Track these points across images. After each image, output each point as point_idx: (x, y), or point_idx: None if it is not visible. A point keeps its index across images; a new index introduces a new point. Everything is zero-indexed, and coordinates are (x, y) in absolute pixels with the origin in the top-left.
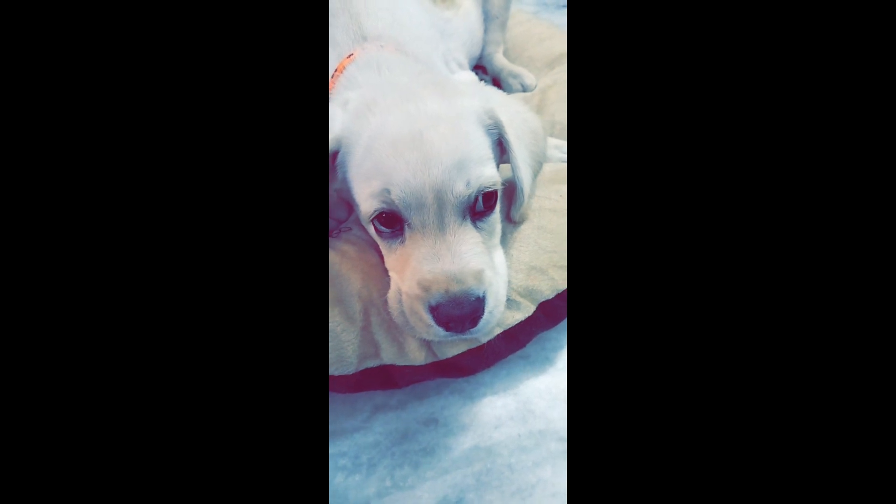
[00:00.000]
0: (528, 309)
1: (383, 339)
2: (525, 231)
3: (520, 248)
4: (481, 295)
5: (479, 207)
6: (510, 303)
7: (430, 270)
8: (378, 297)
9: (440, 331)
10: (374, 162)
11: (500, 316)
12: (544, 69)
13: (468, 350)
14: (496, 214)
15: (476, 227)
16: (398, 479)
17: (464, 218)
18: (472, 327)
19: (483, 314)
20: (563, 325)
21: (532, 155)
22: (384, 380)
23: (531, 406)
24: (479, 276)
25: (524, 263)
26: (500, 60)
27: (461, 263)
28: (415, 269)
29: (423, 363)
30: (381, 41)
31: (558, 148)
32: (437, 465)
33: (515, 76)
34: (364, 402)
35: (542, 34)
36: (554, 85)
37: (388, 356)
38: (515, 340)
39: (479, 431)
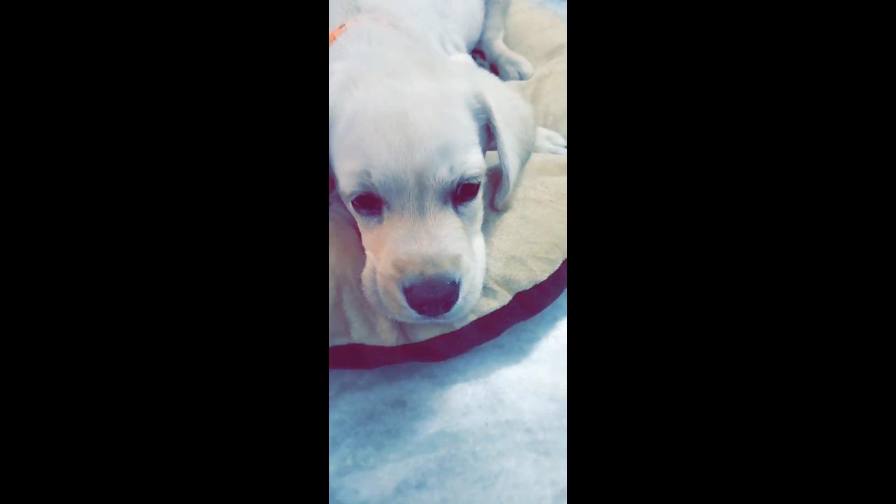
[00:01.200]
0: (503, 298)
1: (354, 318)
2: (507, 220)
3: (500, 236)
4: (457, 280)
5: (460, 193)
6: (486, 290)
7: (406, 252)
8: (352, 274)
9: (413, 313)
10: (355, 139)
11: (474, 302)
12: (542, 59)
13: (441, 335)
14: (478, 201)
15: (457, 211)
16: (360, 458)
17: (444, 202)
18: (446, 312)
19: (457, 299)
20: (540, 317)
21: (520, 143)
22: (354, 359)
23: (501, 396)
24: (456, 260)
25: (503, 252)
26: (499, 46)
27: (439, 247)
28: (391, 249)
29: (394, 345)
30: (375, 14)
31: (549, 139)
32: (401, 447)
33: (513, 63)
34: (332, 379)
35: (543, 23)
36: (550, 75)
37: (359, 335)
38: (490, 329)
39: (447, 417)
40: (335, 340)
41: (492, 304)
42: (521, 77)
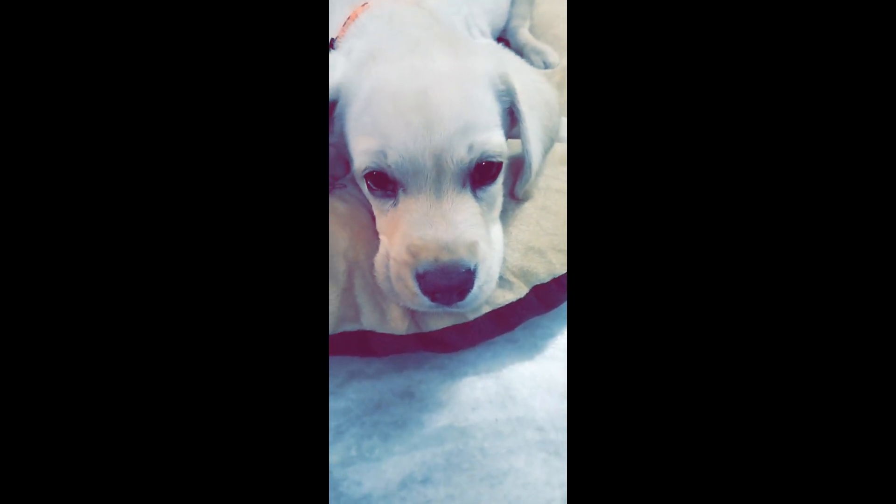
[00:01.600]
0: (520, 290)
1: (365, 304)
2: (527, 210)
3: (519, 226)
4: (472, 267)
5: (479, 175)
6: (502, 282)
7: (420, 236)
8: (365, 259)
9: (425, 300)
10: (372, 117)
11: (489, 292)
12: None
13: (453, 325)
14: (498, 186)
15: (476, 196)
16: (364, 449)
17: (463, 186)
18: (460, 300)
19: (472, 288)
20: (557, 312)
21: (544, 129)
22: (362, 346)
23: (512, 392)
24: (472, 247)
25: (522, 243)
26: (524, 35)
27: (455, 233)
28: (405, 233)
29: (404, 333)
30: None
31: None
32: (408, 440)
33: (538, 52)
34: (339, 366)
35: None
36: None
37: (369, 322)
38: (504, 322)
39: (455, 411)
40: (344, 326)
41: (507, 296)
42: (547, 66)
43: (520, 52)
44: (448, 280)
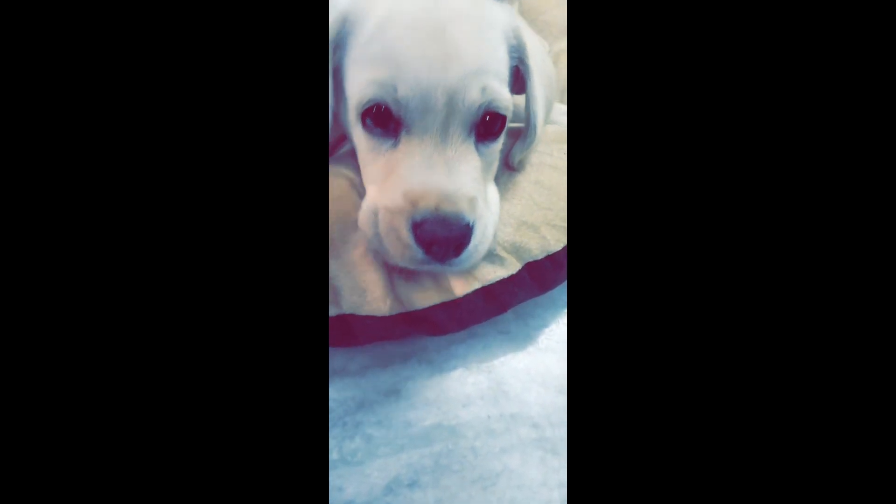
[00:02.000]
0: (513, 266)
1: (343, 283)
2: (520, 184)
3: (512, 200)
4: (471, 223)
5: (484, 127)
6: (494, 257)
7: (421, 182)
8: (339, 237)
9: (419, 253)
10: (383, 45)
11: (483, 253)
12: (560, 35)
13: (441, 304)
14: (499, 145)
15: (478, 150)
16: (346, 452)
17: (469, 134)
18: (455, 256)
19: (468, 244)
20: (551, 301)
21: (545, 97)
22: (345, 333)
23: (505, 386)
24: (472, 202)
25: (514, 217)
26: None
27: (457, 183)
28: (403, 177)
29: (388, 314)
30: None
31: (564, 114)
32: (393, 441)
33: None
34: None
35: None
36: (565, 51)
37: (349, 304)
38: (495, 300)
39: (445, 408)
40: None
41: (499, 272)
42: None
43: None
44: (448, 231)
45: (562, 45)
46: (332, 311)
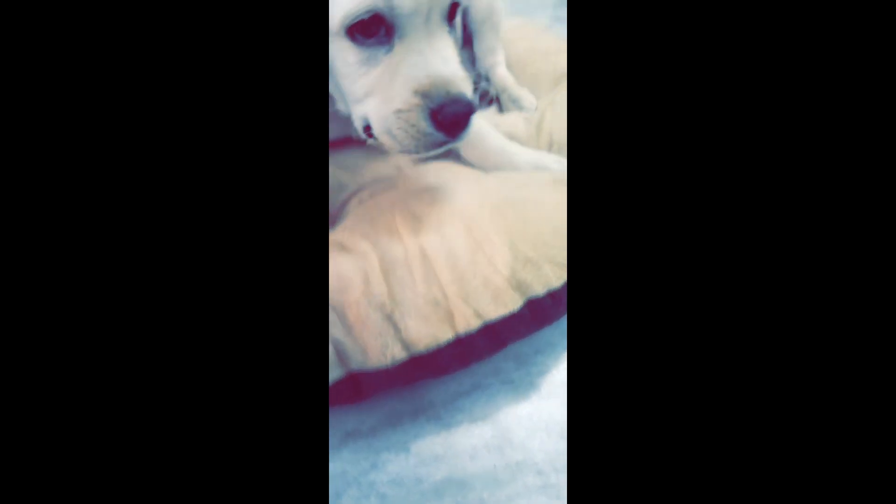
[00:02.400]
0: (515, 303)
1: (344, 341)
2: (524, 220)
3: (516, 236)
4: (470, 100)
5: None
6: (496, 294)
7: (427, 75)
8: (337, 299)
9: (439, 136)
10: None
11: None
12: (549, 85)
13: (445, 346)
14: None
15: (449, 34)
16: None
17: (443, 23)
18: (461, 131)
19: (472, 115)
20: (551, 349)
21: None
22: (355, 391)
23: (509, 435)
24: (466, 80)
25: (520, 253)
26: (501, 76)
27: (453, 66)
28: (408, 77)
29: (390, 365)
30: None
31: (558, 162)
32: (406, 497)
33: (514, 100)
34: (334, 427)
35: (548, 49)
36: (554, 103)
37: (356, 362)
38: (496, 338)
39: (453, 462)
40: (332, 374)
41: (500, 310)
42: (523, 111)
43: (499, 95)
44: (463, 108)
45: (550, 97)
46: (340, 372)
